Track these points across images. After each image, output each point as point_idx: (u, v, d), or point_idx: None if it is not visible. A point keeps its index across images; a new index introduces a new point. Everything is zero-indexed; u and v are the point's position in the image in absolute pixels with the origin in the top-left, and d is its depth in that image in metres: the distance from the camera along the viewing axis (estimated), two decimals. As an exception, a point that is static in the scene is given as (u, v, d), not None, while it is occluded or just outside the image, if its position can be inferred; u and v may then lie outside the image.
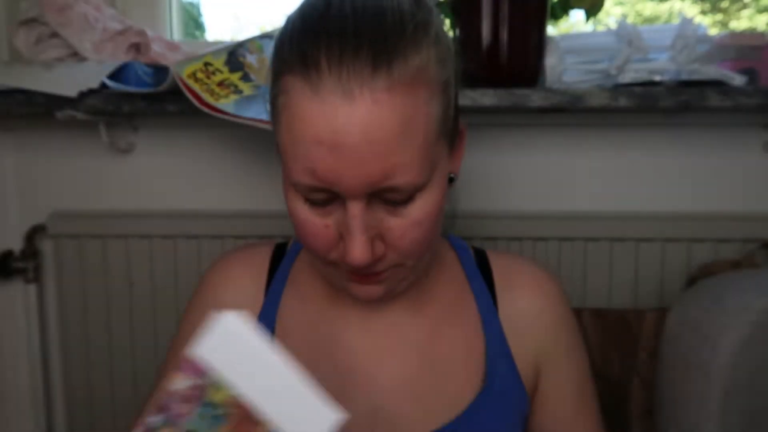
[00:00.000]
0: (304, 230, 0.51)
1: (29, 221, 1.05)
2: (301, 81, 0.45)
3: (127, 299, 1.02)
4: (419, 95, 0.46)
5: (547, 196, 1.02)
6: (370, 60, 0.44)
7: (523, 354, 0.61)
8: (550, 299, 0.63)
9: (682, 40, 0.85)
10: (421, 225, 0.49)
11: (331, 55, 0.44)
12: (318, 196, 0.48)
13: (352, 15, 0.45)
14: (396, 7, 0.46)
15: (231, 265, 0.66)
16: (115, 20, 0.97)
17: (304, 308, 0.62)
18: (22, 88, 0.84)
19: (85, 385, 1.03)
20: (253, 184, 1.04)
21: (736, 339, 0.71)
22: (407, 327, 0.60)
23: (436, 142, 0.48)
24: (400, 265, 0.52)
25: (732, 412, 0.73)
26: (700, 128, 0.99)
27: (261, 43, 0.90)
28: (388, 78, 0.44)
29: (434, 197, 0.49)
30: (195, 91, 0.76)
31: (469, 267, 0.65)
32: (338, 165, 0.45)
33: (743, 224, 0.95)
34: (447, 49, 0.50)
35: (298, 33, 0.47)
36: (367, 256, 0.48)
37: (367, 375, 0.58)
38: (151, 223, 1.00)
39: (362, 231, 0.47)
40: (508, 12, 0.81)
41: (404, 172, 0.46)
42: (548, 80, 0.89)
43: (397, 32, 0.45)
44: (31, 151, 1.06)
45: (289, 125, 0.47)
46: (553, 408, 0.62)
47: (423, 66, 0.46)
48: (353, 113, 0.44)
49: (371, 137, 0.44)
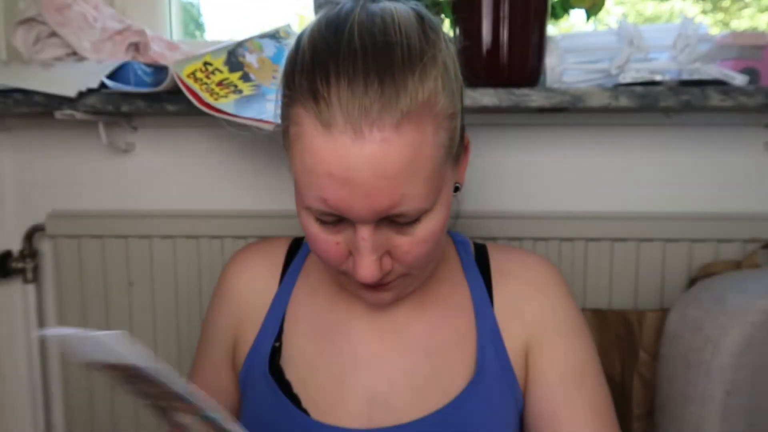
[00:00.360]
0: (315, 245, 0.54)
1: (28, 221, 1.05)
2: (313, 116, 0.47)
3: (126, 299, 1.02)
4: (426, 129, 0.48)
5: (548, 196, 1.01)
6: (378, 96, 0.45)
7: (513, 340, 0.62)
8: (540, 285, 0.65)
9: (683, 40, 0.85)
10: (427, 242, 0.52)
11: (341, 93, 0.46)
12: (329, 218, 0.51)
13: (362, 51, 0.47)
14: (404, 42, 0.48)
15: (249, 256, 0.71)
16: (114, 19, 0.96)
17: (313, 299, 0.66)
18: (21, 87, 0.84)
19: (84, 386, 1.03)
20: (253, 184, 1.04)
21: (737, 339, 0.71)
22: (407, 320, 0.63)
23: (441, 169, 0.51)
24: (407, 275, 0.55)
25: (733, 413, 0.72)
26: (701, 128, 0.99)
27: (261, 43, 0.89)
28: (396, 114, 0.46)
29: (440, 216, 0.52)
30: (194, 90, 0.75)
31: (467, 260, 0.68)
32: (349, 197, 0.47)
33: (744, 224, 0.95)
34: (455, 76, 0.52)
35: (309, 65, 0.48)
36: (376, 275, 0.51)
37: (367, 363, 0.62)
38: (151, 223, 1.00)
39: (371, 252, 0.51)
40: (509, 11, 0.81)
41: (411, 200, 0.49)
42: (548, 80, 0.89)
43: (404, 67, 0.47)
44: (29, 151, 1.06)
45: (302, 156, 0.49)
46: (544, 393, 0.61)
47: (430, 99, 0.48)
48: (363, 151, 0.46)
49: (380, 173, 0.46)
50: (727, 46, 0.86)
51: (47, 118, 0.88)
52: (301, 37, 0.51)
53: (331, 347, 0.63)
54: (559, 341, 0.62)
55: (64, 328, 0.41)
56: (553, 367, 0.61)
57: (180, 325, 1.02)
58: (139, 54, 0.97)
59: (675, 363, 0.77)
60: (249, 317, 0.67)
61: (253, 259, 0.70)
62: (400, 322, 0.63)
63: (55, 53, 0.92)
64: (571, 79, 0.90)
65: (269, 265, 0.69)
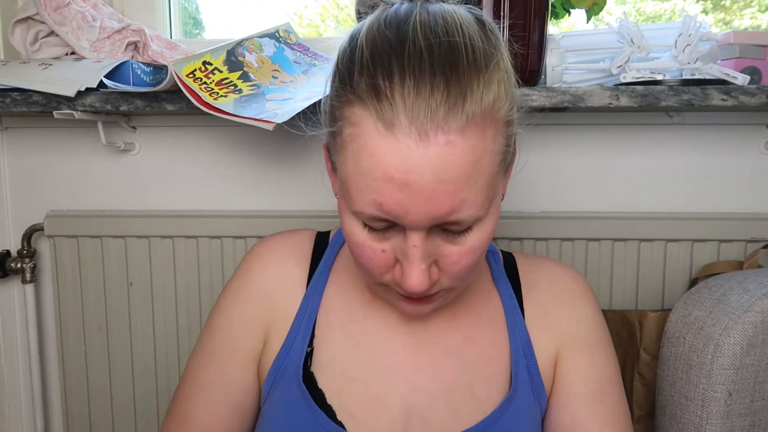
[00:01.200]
0: (360, 252, 0.52)
1: (26, 221, 1.05)
2: (373, 116, 0.45)
3: (125, 299, 1.01)
4: (488, 135, 0.46)
5: (548, 196, 1.01)
6: (444, 99, 0.44)
7: (543, 352, 0.62)
8: (569, 296, 0.64)
9: (684, 39, 0.85)
10: (475, 252, 0.51)
11: (406, 93, 0.44)
12: (379, 224, 0.49)
13: (427, 51, 0.45)
14: (468, 43, 0.46)
15: (276, 248, 0.66)
16: (113, 18, 0.96)
17: (346, 303, 0.63)
18: (19, 87, 0.83)
19: (83, 386, 1.03)
20: (252, 183, 1.04)
21: (738, 340, 0.71)
22: (443, 330, 0.62)
23: (496, 177, 0.49)
24: (450, 290, 0.54)
25: (734, 414, 0.72)
26: (703, 128, 0.98)
27: (260, 42, 0.89)
28: (461, 118, 0.44)
29: (490, 226, 0.51)
30: (194, 90, 0.75)
31: (497, 270, 0.67)
32: (407, 201, 0.46)
33: (746, 224, 0.95)
34: (514, 83, 0.51)
35: (369, 62, 0.46)
36: (425, 284, 0.49)
37: (403, 376, 0.60)
38: (150, 223, 1.00)
39: (421, 260, 0.49)
40: (509, 11, 0.81)
41: (468, 207, 0.47)
42: (549, 79, 0.88)
43: (471, 70, 0.46)
44: (28, 151, 1.05)
45: (357, 158, 0.47)
46: (566, 404, 0.60)
47: (494, 104, 0.47)
48: (427, 154, 0.44)
49: (442, 177, 0.45)
50: (729, 46, 0.85)
51: (46, 118, 0.88)
52: (356, 35, 0.49)
53: (367, 357, 0.60)
54: (586, 353, 0.62)
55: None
56: (579, 379, 0.61)
57: (179, 325, 1.01)
58: (138, 53, 0.97)
59: (676, 363, 0.77)
60: (278, 316, 0.63)
61: (280, 252, 0.66)
62: (436, 333, 0.62)
63: (53, 52, 0.92)
64: (571, 79, 0.89)
65: (297, 261, 0.65)
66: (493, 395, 0.60)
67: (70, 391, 1.03)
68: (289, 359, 0.61)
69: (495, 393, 0.60)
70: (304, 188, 1.03)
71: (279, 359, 0.61)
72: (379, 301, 0.63)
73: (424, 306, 0.55)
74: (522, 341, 0.62)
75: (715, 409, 0.72)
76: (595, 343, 0.63)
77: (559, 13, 0.93)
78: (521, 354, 0.61)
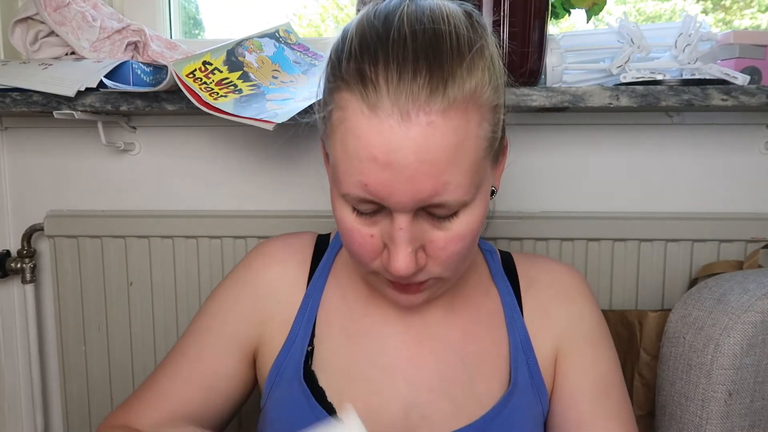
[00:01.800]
0: (350, 238, 0.53)
1: (26, 221, 1.05)
2: (359, 99, 0.47)
3: (125, 299, 1.01)
4: (471, 118, 0.47)
5: (548, 196, 1.01)
6: (426, 83, 0.45)
7: (542, 349, 0.63)
8: (567, 293, 0.65)
9: (684, 39, 0.85)
10: (463, 239, 0.51)
11: (389, 77, 0.46)
12: (366, 207, 0.50)
13: (411, 38, 0.47)
14: (453, 31, 0.48)
15: (279, 248, 0.68)
16: (113, 18, 0.96)
17: (345, 302, 0.64)
18: (19, 87, 0.83)
19: (83, 386, 1.03)
20: (252, 184, 1.04)
21: (738, 340, 0.71)
22: (442, 326, 0.63)
23: (483, 162, 0.50)
24: (440, 279, 0.54)
25: (734, 414, 0.72)
26: (703, 128, 0.98)
27: (260, 42, 0.89)
28: (443, 101, 0.46)
29: (477, 213, 0.52)
30: (194, 90, 0.75)
31: (495, 267, 0.67)
32: (391, 181, 0.47)
33: (746, 224, 0.95)
34: (500, 70, 0.52)
35: (357, 50, 0.48)
36: (411, 267, 0.50)
37: (403, 372, 0.61)
38: (150, 223, 1.00)
39: (407, 243, 0.50)
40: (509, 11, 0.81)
41: (453, 190, 0.48)
42: (549, 79, 0.88)
43: (453, 56, 0.47)
44: (28, 151, 1.05)
45: (344, 141, 0.48)
46: (572, 401, 0.61)
47: (476, 89, 0.48)
48: (408, 134, 0.45)
49: (424, 157, 0.46)
50: (729, 46, 0.85)
51: (46, 118, 0.88)
52: (348, 28, 0.51)
53: (367, 354, 0.61)
54: (587, 350, 0.63)
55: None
56: (581, 375, 0.62)
57: (179, 325, 1.01)
58: (138, 53, 0.97)
59: (676, 363, 0.77)
60: (277, 315, 0.64)
61: (283, 252, 0.67)
62: (435, 327, 0.62)
63: (53, 52, 0.92)
64: (571, 79, 0.89)
65: (298, 261, 0.67)
66: (493, 391, 0.60)
67: (70, 391, 1.03)
68: (290, 358, 0.62)
69: (495, 389, 0.60)
70: (304, 188, 1.03)
71: (280, 359, 0.62)
72: (378, 298, 0.63)
73: (414, 296, 0.56)
74: (521, 338, 0.63)
75: (715, 409, 0.72)
76: (596, 340, 0.64)
77: (559, 13, 0.93)
78: (520, 351, 0.62)
